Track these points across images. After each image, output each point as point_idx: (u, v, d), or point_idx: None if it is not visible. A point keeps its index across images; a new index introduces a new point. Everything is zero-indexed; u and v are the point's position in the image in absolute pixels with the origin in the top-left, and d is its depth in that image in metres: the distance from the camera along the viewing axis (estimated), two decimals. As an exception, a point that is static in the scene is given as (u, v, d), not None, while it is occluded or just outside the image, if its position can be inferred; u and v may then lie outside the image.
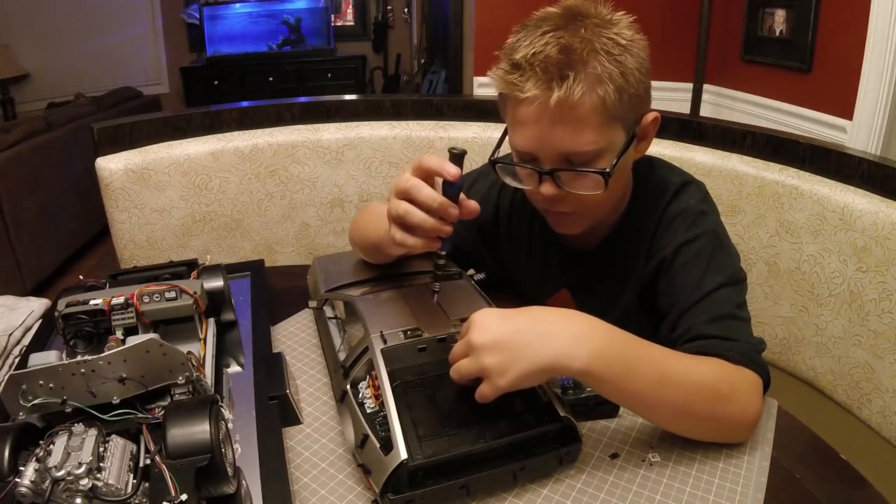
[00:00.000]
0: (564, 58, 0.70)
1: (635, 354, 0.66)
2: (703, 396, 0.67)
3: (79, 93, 3.90)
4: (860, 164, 1.10)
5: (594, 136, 0.73)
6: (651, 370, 0.66)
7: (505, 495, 0.63)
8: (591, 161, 0.75)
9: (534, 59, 0.71)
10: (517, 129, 0.76)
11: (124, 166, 1.29)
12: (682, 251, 0.82)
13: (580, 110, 0.71)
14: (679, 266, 0.81)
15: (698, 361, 0.70)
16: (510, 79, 0.73)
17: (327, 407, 0.76)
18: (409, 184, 0.66)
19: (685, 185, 0.87)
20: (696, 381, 0.67)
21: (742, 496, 0.64)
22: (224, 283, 0.82)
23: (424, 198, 0.65)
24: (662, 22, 2.35)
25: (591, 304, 0.93)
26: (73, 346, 0.68)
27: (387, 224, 0.71)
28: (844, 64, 1.87)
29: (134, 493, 0.52)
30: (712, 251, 0.81)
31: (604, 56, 0.71)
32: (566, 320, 0.66)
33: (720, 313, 0.76)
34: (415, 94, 3.93)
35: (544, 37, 0.72)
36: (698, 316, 0.77)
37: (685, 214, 0.84)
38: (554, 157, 0.75)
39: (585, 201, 0.78)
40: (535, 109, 0.72)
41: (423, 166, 0.67)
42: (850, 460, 0.70)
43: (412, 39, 4.73)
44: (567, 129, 0.72)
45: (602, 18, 0.74)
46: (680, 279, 0.81)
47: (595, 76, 0.71)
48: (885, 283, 1.04)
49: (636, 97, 0.74)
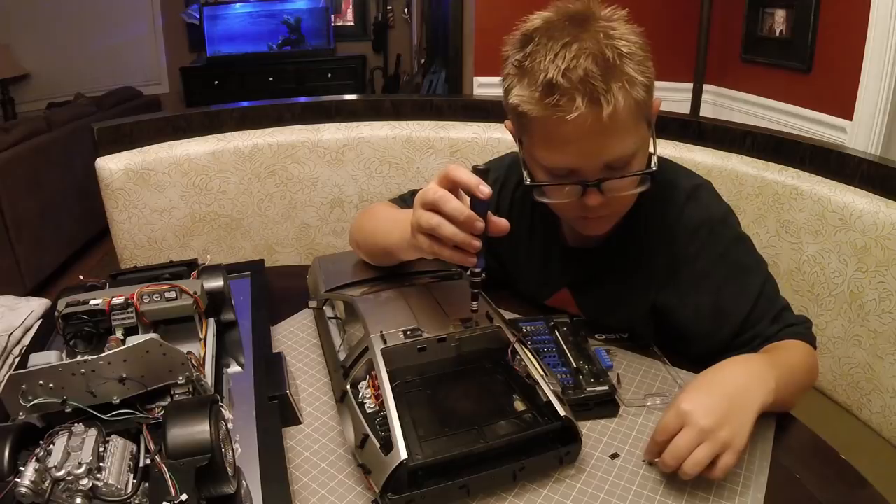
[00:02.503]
0: (601, 70, 0.69)
1: (777, 365, 0.72)
2: (810, 373, 0.81)
3: (79, 93, 3.89)
4: (860, 164, 1.10)
5: (633, 139, 0.74)
6: (789, 371, 0.74)
7: (505, 495, 0.63)
8: (630, 162, 0.75)
9: (571, 75, 0.68)
10: (555, 148, 0.74)
11: (124, 166, 1.29)
12: (719, 264, 0.85)
13: (622, 116, 0.70)
14: (722, 278, 0.85)
15: (794, 350, 0.81)
16: (550, 101, 0.70)
17: (327, 407, 0.76)
18: (438, 195, 0.64)
19: (697, 187, 0.88)
20: (802, 365, 0.80)
21: (742, 496, 0.64)
22: (224, 283, 0.82)
23: (451, 210, 0.64)
24: (662, 22, 2.34)
25: (591, 302, 0.94)
26: (73, 346, 0.68)
27: (401, 230, 0.71)
28: (844, 64, 1.87)
29: (134, 493, 0.52)
30: (743, 255, 0.86)
31: (628, 59, 0.70)
32: (739, 369, 0.71)
33: (775, 310, 0.84)
34: (415, 94, 3.93)
35: (568, 50, 0.69)
36: (761, 320, 0.83)
37: (710, 223, 0.85)
38: (598, 168, 0.74)
39: (623, 201, 0.80)
40: (584, 126, 0.70)
41: (450, 177, 0.65)
42: (850, 460, 0.70)
43: (412, 39, 4.73)
44: (615, 138, 0.72)
45: (606, 18, 0.73)
46: (727, 292, 0.84)
47: (629, 80, 0.70)
48: (885, 284, 1.04)
49: (652, 88, 0.75)
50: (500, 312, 0.77)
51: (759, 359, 0.75)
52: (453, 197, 0.64)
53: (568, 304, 0.96)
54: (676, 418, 0.64)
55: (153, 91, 4.53)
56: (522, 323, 0.87)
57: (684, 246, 0.85)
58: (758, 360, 0.74)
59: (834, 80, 1.94)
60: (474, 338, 0.72)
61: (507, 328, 0.73)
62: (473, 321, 0.73)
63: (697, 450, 0.62)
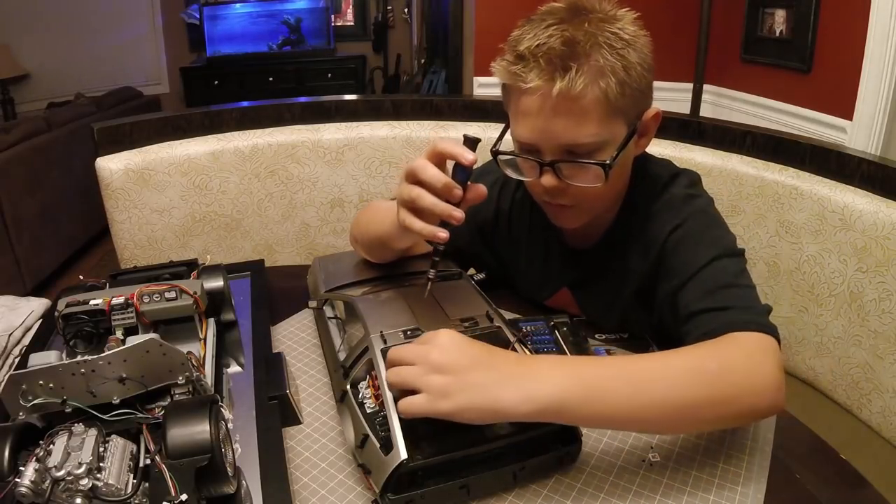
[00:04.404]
0: (567, 50, 0.71)
1: (596, 373, 0.62)
2: (687, 383, 0.61)
3: (79, 93, 3.89)
4: (860, 164, 1.10)
5: (595, 129, 0.73)
6: (618, 381, 0.62)
7: (505, 495, 0.63)
8: (592, 153, 0.75)
9: (537, 50, 0.71)
10: (519, 120, 0.77)
11: (124, 166, 1.29)
12: (671, 237, 0.81)
13: (582, 102, 0.71)
14: (670, 252, 0.81)
15: (673, 351, 0.66)
16: (514, 69, 0.73)
17: (327, 407, 0.76)
18: (417, 164, 0.67)
19: (674, 176, 0.87)
20: (674, 370, 0.63)
21: (742, 496, 0.64)
22: (224, 283, 0.82)
23: (429, 177, 0.65)
24: (662, 22, 2.34)
25: (591, 302, 0.94)
26: (73, 346, 0.68)
27: (393, 218, 0.71)
28: (844, 64, 1.87)
29: (134, 493, 0.52)
30: (702, 229, 0.80)
31: (607, 49, 0.71)
32: (519, 364, 0.62)
33: (715, 285, 0.73)
34: (415, 94, 3.93)
35: (548, 29, 0.72)
36: (692, 292, 0.75)
37: (671, 202, 0.84)
38: (555, 149, 0.75)
39: (585, 194, 0.78)
40: (538, 100, 0.72)
41: (436, 150, 0.67)
42: (850, 460, 0.70)
43: (412, 39, 4.73)
44: (569, 120, 0.73)
45: (606, 14, 0.75)
46: (673, 263, 0.80)
47: (598, 69, 0.71)
48: (885, 283, 1.04)
49: (638, 92, 0.75)
50: (500, 312, 0.77)
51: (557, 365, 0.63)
52: (432, 165, 0.66)
53: (568, 303, 0.96)
54: (430, 335, 0.64)
55: (153, 91, 4.53)
56: (522, 323, 0.87)
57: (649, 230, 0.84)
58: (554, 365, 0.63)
59: (834, 81, 1.94)
60: (474, 338, 0.72)
61: (507, 328, 0.73)
62: (430, 282, 0.71)
63: (407, 367, 0.61)
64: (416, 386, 0.60)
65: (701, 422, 0.65)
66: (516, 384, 0.60)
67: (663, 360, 0.65)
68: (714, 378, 0.62)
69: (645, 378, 0.62)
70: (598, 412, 0.61)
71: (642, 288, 0.87)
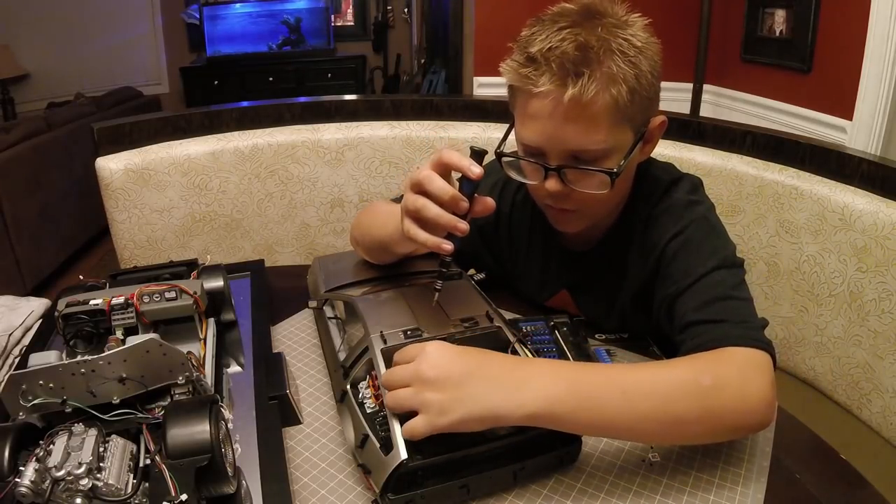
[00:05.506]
0: (581, 55, 0.70)
1: (589, 382, 0.63)
2: (681, 397, 0.62)
3: (79, 93, 3.90)
4: (860, 164, 1.10)
5: (604, 136, 0.73)
6: (611, 391, 0.62)
7: (505, 495, 0.63)
8: (598, 160, 0.74)
9: (550, 53, 0.70)
10: (527, 123, 0.76)
11: (124, 166, 1.29)
12: (671, 244, 0.80)
13: (592, 109, 0.71)
14: (670, 259, 0.80)
15: (668, 363, 0.67)
16: (524, 72, 0.72)
17: (327, 407, 0.76)
18: (423, 175, 0.66)
19: (675, 181, 0.86)
20: (668, 383, 0.63)
21: (742, 496, 0.64)
22: (224, 283, 0.82)
23: (436, 189, 0.65)
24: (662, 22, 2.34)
25: (590, 304, 0.94)
26: (73, 346, 0.68)
27: (395, 222, 0.71)
28: (844, 64, 1.87)
29: (134, 493, 0.52)
30: (702, 237, 0.80)
31: (619, 56, 0.71)
32: (512, 369, 0.63)
33: (712, 296, 0.73)
34: (415, 94, 3.93)
35: (561, 32, 0.71)
36: (689, 302, 0.74)
37: (673, 208, 0.83)
38: (562, 154, 0.75)
39: (588, 200, 0.78)
40: (548, 105, 0.72)
41: (442, 160, 0.66)
42: (850, 460, 0.70)
43: (412, 39, 4.73)
44: (578, 126, 0.72)
45: (618, 18, 0.74)
46: (672, 271, 0.79)
47: (610, 76, 0.70)
48: (885, 283, 1.04)
49: (647, 99, 0.75)
50: (500, 312, 0.77)
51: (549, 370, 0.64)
52: (438, 177, 0.65)
53: (568, 305, 0.96)
54: (416, 349, 0.63)
55: (153, 91, 4.53)
56: (522, 323, 0.87)
57: (649, 235, 0.84)
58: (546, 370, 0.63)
59: (834, 81, 1.94)
60: (474, 338, 0.72)
61: (507, 328, 0.73)
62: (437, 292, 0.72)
63: (402, 390, 0.61)
64: (413, 407, 0.60)
65: (691, 435, 0.66)
66: (508, 391, 0.60)
67: (657, 373, 0.66)
68: (707, 393, 0.63)
69: (638, 390, 0.63)
70: (589, 421, 0.62)
71: (641, 292, 0.87)
